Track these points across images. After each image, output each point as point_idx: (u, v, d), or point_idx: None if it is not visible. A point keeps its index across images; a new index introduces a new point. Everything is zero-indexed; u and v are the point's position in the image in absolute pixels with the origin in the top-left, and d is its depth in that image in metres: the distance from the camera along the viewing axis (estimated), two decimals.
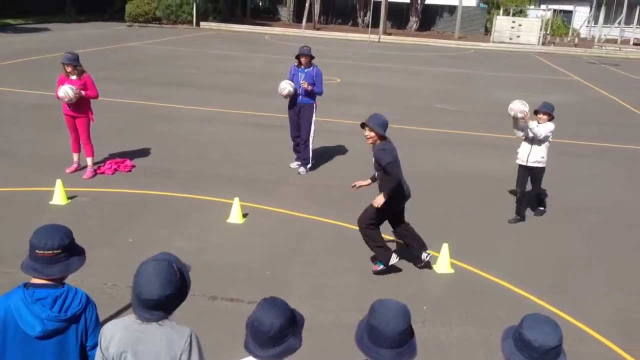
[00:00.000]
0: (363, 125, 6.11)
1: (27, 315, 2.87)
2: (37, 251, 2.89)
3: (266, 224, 7.77)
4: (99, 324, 3.07)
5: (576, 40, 41.20)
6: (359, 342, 2.60)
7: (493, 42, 39.29)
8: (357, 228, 6.46)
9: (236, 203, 7.78)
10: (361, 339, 2.60)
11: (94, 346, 2.99)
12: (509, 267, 6.89)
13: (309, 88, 9.44)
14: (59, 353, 2.95)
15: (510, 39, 39.45)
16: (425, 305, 5.93)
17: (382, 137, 6.10)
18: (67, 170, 9.03)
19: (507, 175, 9.85)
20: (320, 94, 9.75)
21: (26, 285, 2.93)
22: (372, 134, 6.05)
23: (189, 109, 14.15)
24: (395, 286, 6.24)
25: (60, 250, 2.92)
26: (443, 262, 6.72)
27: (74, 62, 8.47)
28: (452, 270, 6.70)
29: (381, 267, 6.41)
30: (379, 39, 38.27)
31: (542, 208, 8.63)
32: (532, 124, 7.86)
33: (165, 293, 2.67)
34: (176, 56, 24.20)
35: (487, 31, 44.83)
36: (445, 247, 6.76)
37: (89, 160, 9.02)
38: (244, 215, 7.85)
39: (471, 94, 19.12)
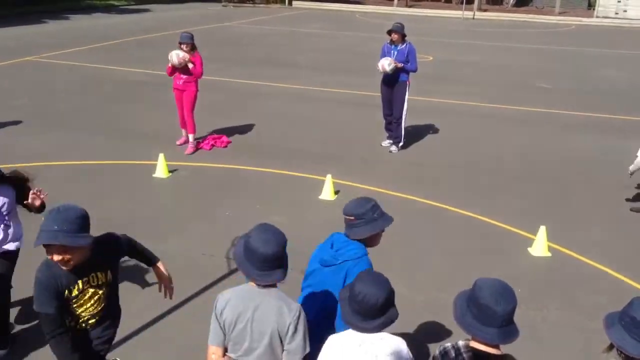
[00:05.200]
0: None
1: None
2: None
3: None
4: None
5: None
6: (461, 321, 2.53)
7: (597, 17, 37.19)
8: (449, 207, 6.38)
9: (328, 180, 7.88)
10: (463, 318, 2.52)
11: None
12: (609, 252, 6.60)
13: (399, 65, 9.36)
14: None
15: (616, 13, 37.20)
16: (519, 288, 5.81)
17: None
18: (178, 142, 9.69)
19: (614, 160, 9.43)
20: (415, 70, 9.65)
21: None
22: None
23: (282, 87, 14.37)
24: (489, 268, 6.13)
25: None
26: (540, 245, 6.53)
27: (191, 40, 9.09)
28: (549, 254, 6.51)
29: None
30: (474, 15, 37.13)
31: None
32: None
33: (280, 248, 2.82)
34: (269, 34, 24.55)
35: (591, 5, 42.44)
36: (542, 230, 6.56)
37: (191, 137, 9.41)
38: (336, 192, 7.94)
39: (572, 71, 18.25)
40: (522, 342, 4.45)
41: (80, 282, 3.15)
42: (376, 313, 2.66)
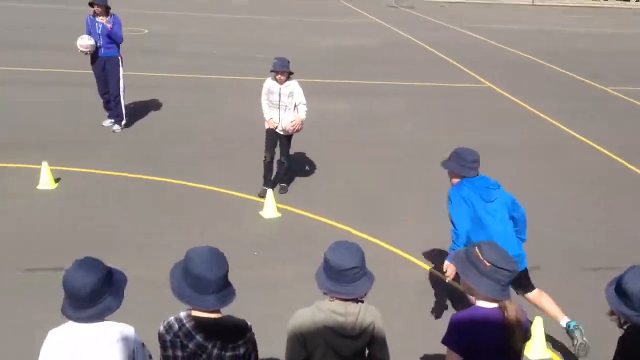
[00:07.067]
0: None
1: None
2: None
3: (82, 187, 7.33)
4: None
5: None
6: (180, 295, 2.57)
7: None
8: (177, 182, 6.32)
9: (45, 167, 7.22)
10: (181, 291, 2.56)
11: None
12: (330, 206, 7.18)
13: (109, 26, 8.96)
14: None
15: None
16: (255, 250, 6.05)
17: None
18: None
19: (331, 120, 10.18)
20: (120, 39, 9.24)
21: None
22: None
23: None
24: (226, 236, 6.23)
25: None
26: (269, 207, 6.85)
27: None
28: (279, 214, 6.88)
29: None
30: None
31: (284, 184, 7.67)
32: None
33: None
34: None
35: None
36: (270, 193, 6.89)
37: None
38: (56, 180, 7.33)
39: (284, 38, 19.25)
40: (264, 300, 4.67)
41: None
42: (85, 302, 2.50)
